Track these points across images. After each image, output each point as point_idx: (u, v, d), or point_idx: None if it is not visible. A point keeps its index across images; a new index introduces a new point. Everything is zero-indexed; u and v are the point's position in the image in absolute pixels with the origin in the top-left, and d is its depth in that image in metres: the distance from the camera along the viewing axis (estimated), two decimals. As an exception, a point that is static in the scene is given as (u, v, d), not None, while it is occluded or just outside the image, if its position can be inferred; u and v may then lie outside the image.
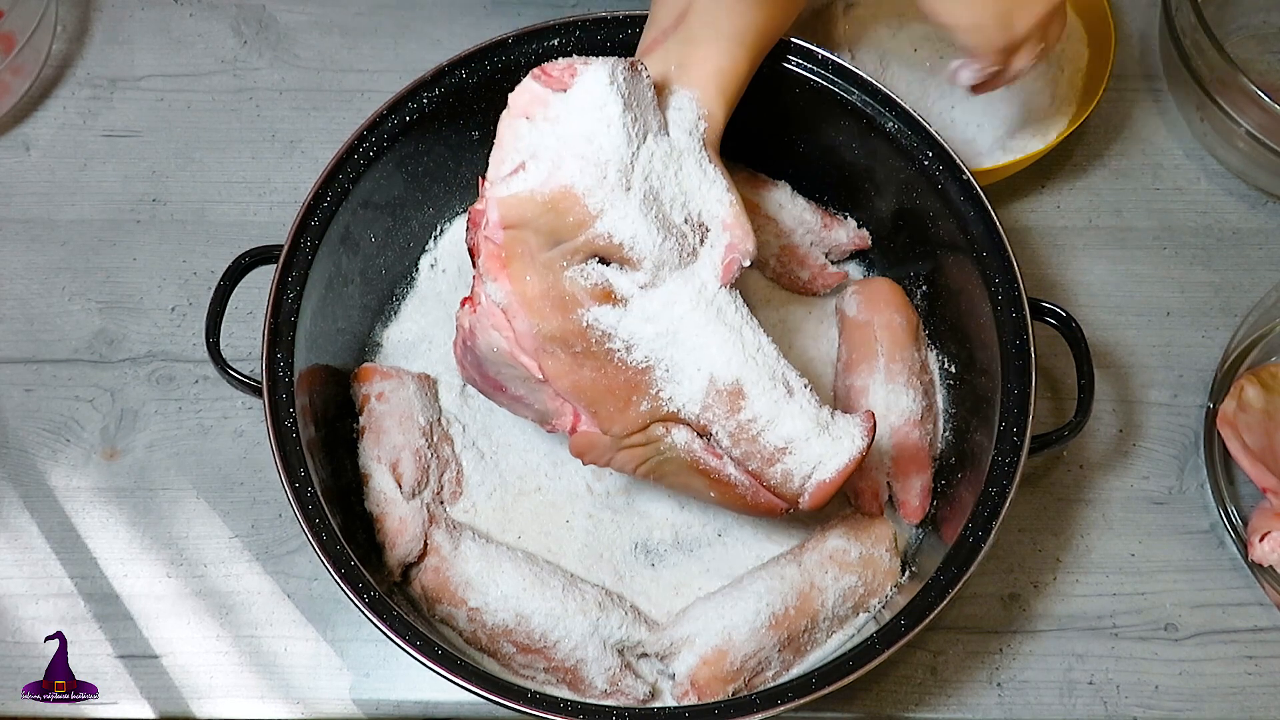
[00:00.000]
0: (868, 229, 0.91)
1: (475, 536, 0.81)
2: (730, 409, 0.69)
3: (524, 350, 0.69)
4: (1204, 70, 0.94)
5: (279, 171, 0.99)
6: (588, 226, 0.66)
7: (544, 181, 0.66)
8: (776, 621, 0.76)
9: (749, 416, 0.69)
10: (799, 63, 0.82)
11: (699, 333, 0.69)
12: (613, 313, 0.68)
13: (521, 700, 0.68)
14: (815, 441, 0.69)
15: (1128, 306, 0.96)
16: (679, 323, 0.69)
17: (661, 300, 0.69)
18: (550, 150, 0.66)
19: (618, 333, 0.68)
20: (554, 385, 0.70)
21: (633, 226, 0.67)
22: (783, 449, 0.69)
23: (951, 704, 0.84)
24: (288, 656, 0.84)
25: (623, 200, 0.67)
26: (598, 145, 0.66)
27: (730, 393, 0.68)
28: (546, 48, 0.82)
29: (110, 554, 0.86)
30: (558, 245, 0.67)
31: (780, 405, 0.69)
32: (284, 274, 0.77)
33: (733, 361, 0.69)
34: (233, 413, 0.91)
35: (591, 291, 0.67)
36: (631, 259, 0.67)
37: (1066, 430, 0.78)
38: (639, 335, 0.68)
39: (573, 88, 0.66)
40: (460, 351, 0.74)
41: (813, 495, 0.70)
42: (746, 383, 0.69)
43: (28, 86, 1.00)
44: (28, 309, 0.94)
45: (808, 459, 0.69)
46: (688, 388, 0.69)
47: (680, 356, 0.69)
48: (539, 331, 0.68)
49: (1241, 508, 0.88)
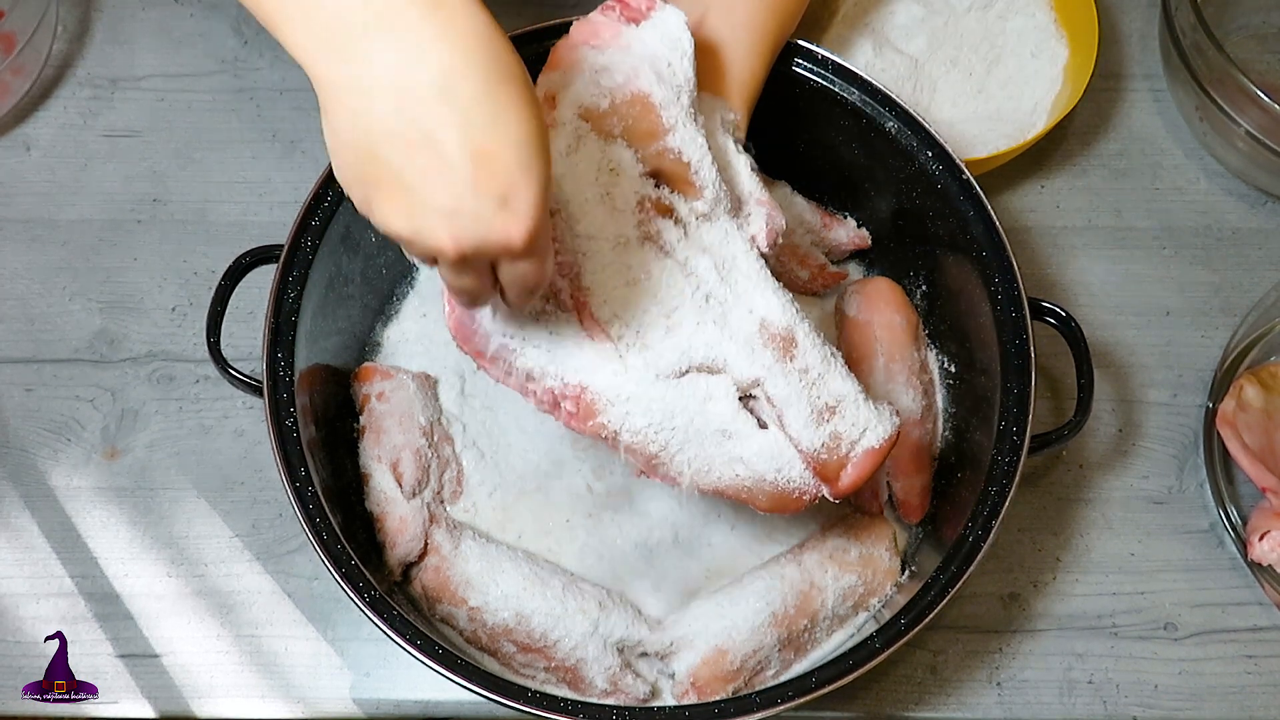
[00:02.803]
0: (868, 229, 0.91)
1: (475, 536, 0.81)
2: (784, 353, 0.65)
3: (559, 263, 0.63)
4: (1204, 70, 0.94)
5: (279, 171, 0.99)
6: (660, 138, 0.64)
7: (623, 84, 0.64)
8: (776, 621, 0.77)
9: (803, 366, 0.65)
10: (799, 62, 0.82)
11: (752, 275, 0.66)
12: (675, 230, 0.65)
13: (521, 699, 0.68)
14: (862, 406, 0.66)
15: (1127, 306, 0.96)
16: (734, 261, 0.66)
17: (719, 234, 0.66)
18: (626, 64, 0.65)
19: (675, 253, 0.65)
20: (593, 309, 0.64)
21: (700, 151, 0.65)
22: (833, 407, 0.65)
23: (951, 703, 0.84)
24: (288, 656, 0.84)
25: (692, 125, 0.65)
26: (674, 69, 0.65)
27: (784, 339, 0.65)
28: (546, 48, 0.82)
29: (111, 554, 0.86)
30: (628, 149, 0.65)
31: (830, 362, 0.66)
32: (284, 274, 0.77)
33: (786, 309, 0.66)
34: (233, 412, 0.91)
35: (656, 203, 0.65)
36: (695, 184, 0.66)
37: (1066, 430, 0.78)
38: (695, 264, 0.65)
39: (650, 18, 0.66)
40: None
41: (858, 465, 0.66)
42: (798, 333, 0.66)
43: (28, 86, 1.00)
44: (28, 309, 0.94)
45: (857, 422, 0.66)
46: (737, 329, 0.65)
47: (732, 296, 0.65)
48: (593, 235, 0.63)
49: (1241, 507, 0.88)
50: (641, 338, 0.64)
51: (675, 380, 0.64)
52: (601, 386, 0.64)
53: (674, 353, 0.64)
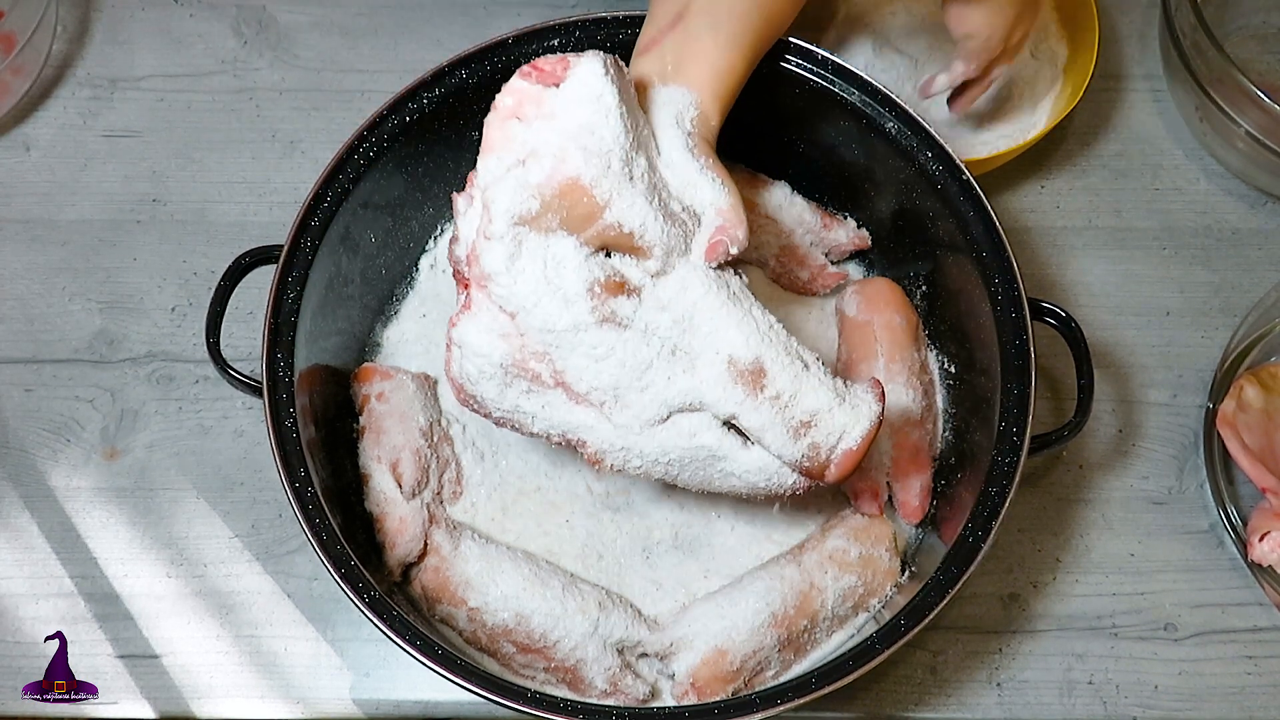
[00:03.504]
0: (868, 229, 0.91)
1: (475, 536, 0.81)
2: (754, 386, 0.67)
3: (533, 354, 0.68)
4: (1204, 70, 0.94)
5: (279, 171, 0.99)
6: (597, 218, 0.65)
7: (549, 176, 0.65)
8: (776, 621, 0.76)
9: (773, 393, 0.67)
10: (798, 62, 0.82)
11: (713, 315, 0.68)
12: (628, 303, 0.67)
13: (521, 700, 0.68)
14: (837, 412, 0.68)
15: (1127, 306, 0.96)
16: (693, 308, 0.68)
17: (674, 287, 0.68)
18: (551, 145, 0.65)
19: (634, 323, 0.67)
20: (572, 385, 0.68)
21: (641, 214, 0.66)
22: (808, 422, 0.68)
23: (951, 704, 0.84)
24: (288, 656, 0.84)
25: (629, 189, 0.66)
26: (599, 136, 0.65)
27: (752, 372, 0.67)
28: (546, 48, 0.82)
29: (110, 554, 0.86)
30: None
31: (800, 379, 0.68)
32: (284, 274, 0.77)
33: (750, 340, 0.68)
34: (233, 413, 0.91)
35: (605, 284, 0.66)
36: (642, 247, 0.67)
37: (1066, 430, 0.78)
38: (656, 324, 0.67)
39: (567, 80, 0.65)
40: (455, 369, 0.71)
41: (839, 465, 0.69)
42: (766, 360, 0.68)
43: (28, 87, 1.00)
44: (28, 309, 0.94)
45: (832, 429, 0.68)
46: (705, 374, 0.67)
47: (697, 343, 0.68)
48: (553, 328, 0.66)
49: (1241, 508, 0.88)
50: (620, 400, 0.68)
51: (661, 425, 0.69)
52: (599, 441, 0.69)
53: (654, 405, 0.68)
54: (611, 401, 0.68)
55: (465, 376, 0.69)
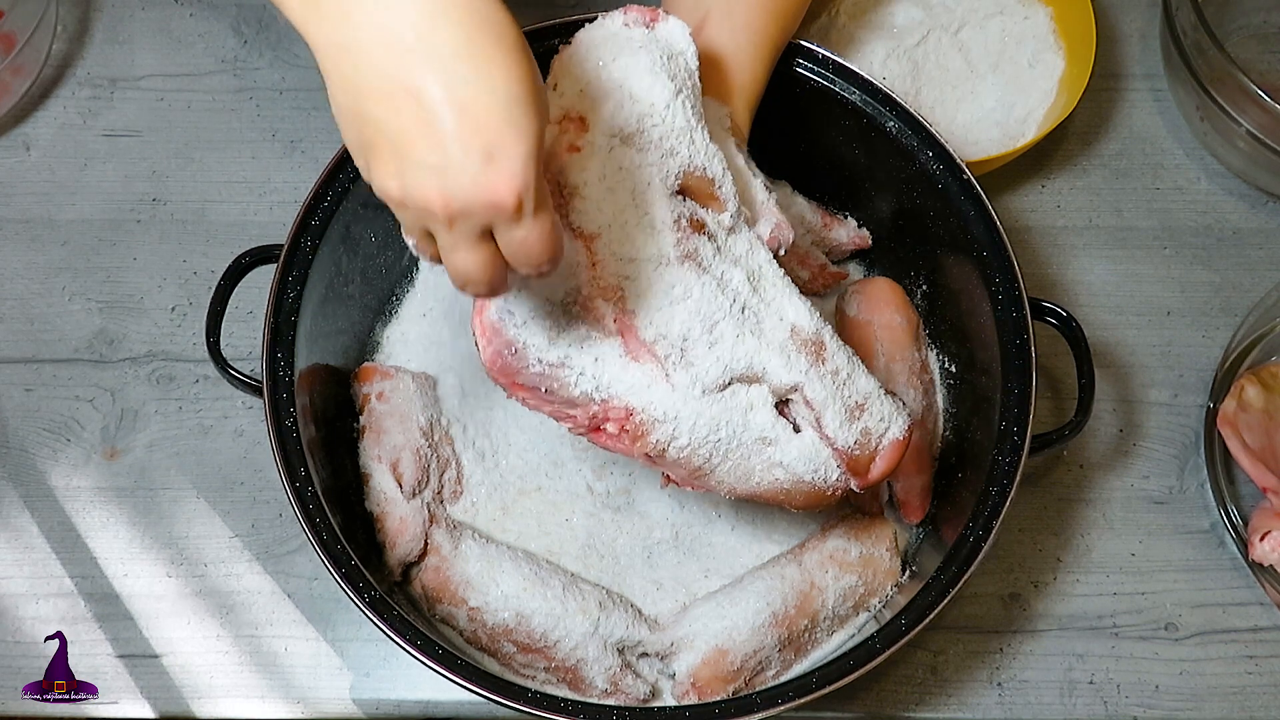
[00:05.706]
0: (868, 229, 0.91)
1: (475, 536, 0.81)
2: (817, 357, 0.66)
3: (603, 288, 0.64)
4: (1204, 70, 0.94)
5: (279, 171, 0.99)
6: (684, 155, 0.65)
7: (645, 104, 0.65)
8: (777, 621, 0.76)
9: (834, 368, 0.67)
10: (800, 63, 0.82)
11: (777, 284, 0.67)
12: (709, 246, 0.65)
13: (521, 700, 0.68)
14: (884, 401, 0.68)
15: (1128, 306, 0.96)
16: (761, 271, 0.67)
17: (744, 246, 0.67)
18: (644, 80, 0.65)
19: (712, 269, 0.65)
20: (639, 330, 0.64)
21: (720, 163, 0.66)
22: (862, 405, 0.67)
23: (951, 704, 0.84)
24: (288, 656, 0.84)
25: (706, 139, 0.66)
26: (688, 82, 0.66)
27: (814, 343, 0.67)
28: (546, 48, 0.82)
29: (110, 554, 0.86)
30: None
31: (854, 362, 0.68)
32: (284, 274, 0.77)
33: (812, 316, 0.68)
34: (233, 412, 0.91)
35: (691, 220, 0.65)
36: (719, 199, 0.66)
37: (1067, 430, 0.78)
38: (730, 277, 0.66)
39: (654, 30, 0.67)
40: (494, 313, 0.63)
41: (885, 457, 0.68)
42: (825, 336, 0.67)
43: (28, 86, 1.00)
44: (28, 309, 0.94)
45: (883, 416, 0.68)
46: (772, 337, 0.66)
47: (763, 307, 0.66)
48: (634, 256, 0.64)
49: (1241, 507, 0.88)
50: (686, 355, 0.65)
51: (719, 394, 0.66)
52: (649, 407, 0.65)
53: (717, 367, 0.65)
54: (676, 356, 0.64)
55: (511, 319, 0.63)
